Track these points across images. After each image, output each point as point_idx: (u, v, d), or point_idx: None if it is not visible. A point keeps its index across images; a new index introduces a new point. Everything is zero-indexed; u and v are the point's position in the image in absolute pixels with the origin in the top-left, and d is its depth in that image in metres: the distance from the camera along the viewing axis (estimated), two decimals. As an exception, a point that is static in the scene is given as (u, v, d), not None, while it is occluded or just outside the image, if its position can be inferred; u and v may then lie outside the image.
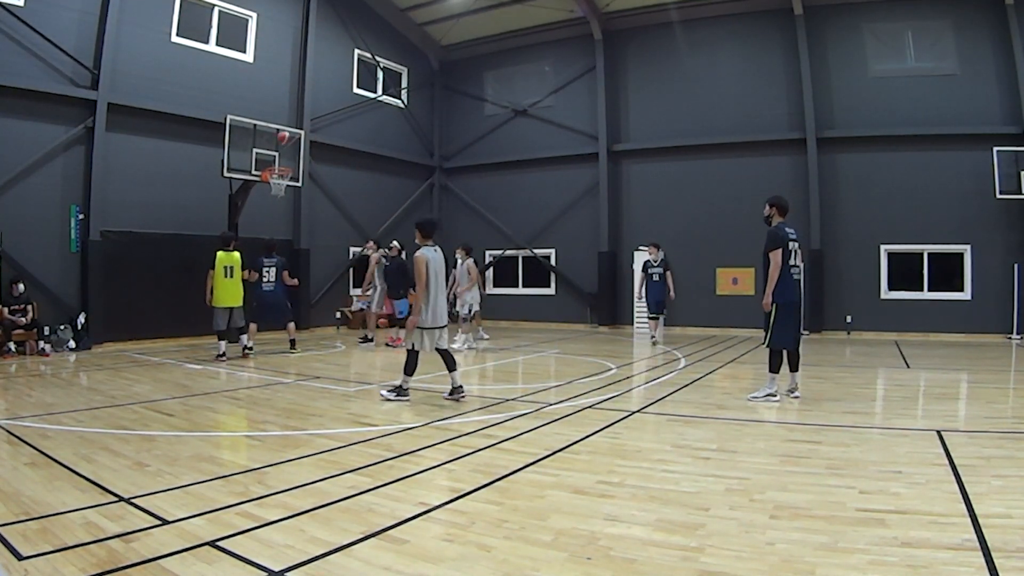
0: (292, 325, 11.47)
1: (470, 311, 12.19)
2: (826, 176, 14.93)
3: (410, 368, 6.81)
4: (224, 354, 10.37)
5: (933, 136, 14.01)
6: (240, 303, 10.71)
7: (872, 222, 14.58)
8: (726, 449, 4.92)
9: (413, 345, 6.82)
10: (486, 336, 13.60)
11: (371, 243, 13.72)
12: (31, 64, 11.17)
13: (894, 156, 14.45)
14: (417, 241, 6.95)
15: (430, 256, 6.73)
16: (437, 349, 6.90)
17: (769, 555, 2.96)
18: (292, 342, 11.42)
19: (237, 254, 10.65)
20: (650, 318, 13.18)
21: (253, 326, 10.98)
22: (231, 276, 10.49)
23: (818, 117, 14.95)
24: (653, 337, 12.97)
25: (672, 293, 12.78)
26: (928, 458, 4.56)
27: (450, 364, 6.87)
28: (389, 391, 6.95)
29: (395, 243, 12.84)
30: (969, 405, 7.06)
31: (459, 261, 12.29)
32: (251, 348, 10.87)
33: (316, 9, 15.88)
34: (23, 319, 10.61)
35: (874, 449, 4.88)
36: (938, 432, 5.30)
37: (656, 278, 12.72)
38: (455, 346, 11.61)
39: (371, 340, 12.75)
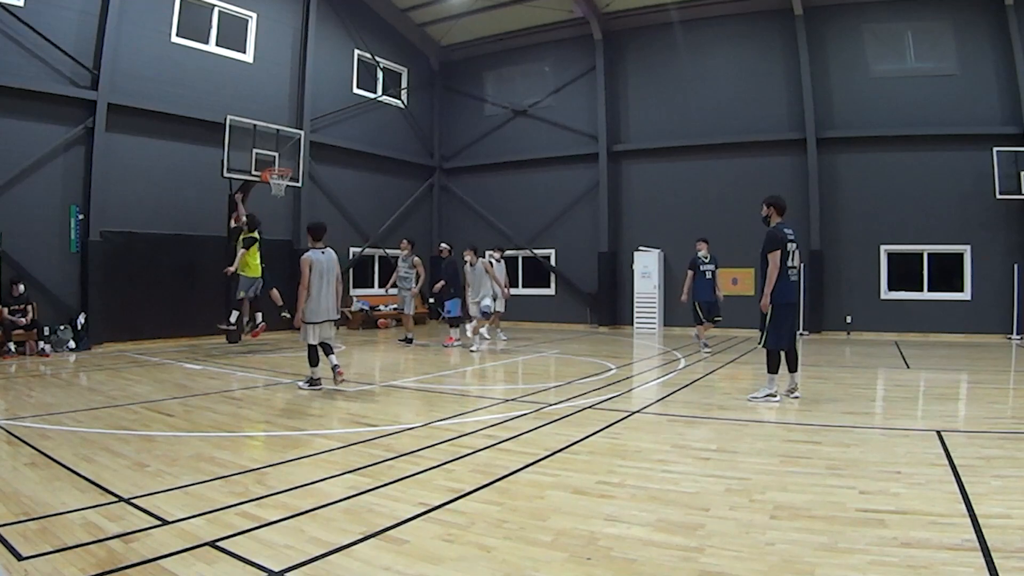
0: (276, 292, 11.63)
1: (491, 307, 12.05)
2: (826, 176, 14.93)
3: (312, 360, 7.70)
4: (237, 324, 11.30)
5: (933, 136, 14.01)
6: (260, 275, 11.38)
7: (872, 222, 14.58)
8: (726, 449, 4.93)
9: (306, 339, 7.61)
10: (504, 336, 13.82)
11: (405, 242, 12.94)
12: (31, 64, 11.16)
13: (894, 156, 14.45)
14: (309, 243, 7.69)
15: (314, 258, 7.51)
16: (321, 343, 7.64)
17: (769, 555, 2.96)
18: (280, 307, 11.49)
19: (256, 234, 11.31)
20: (706, 321, 11.04)
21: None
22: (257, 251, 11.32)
23: (818, 117, 14.95)
24: (704, 342, 11.59)
25: (721, 294, 11.01)
26: (928, 458, 4.56)
27: (326, 351, 7.65)
28: (303, 382, 7.75)
29: (444, 245, 12.97)
30: (969, 405, 7.06)
31: (468, 264, 12.12)
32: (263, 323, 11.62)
33: (316, 9, 15.87)
34: (23, 319, 10.60)
35: (874, 449, 4.88)
36: (938, 432, 5.30)
37: (708, 275, 10.92)
38: (474, 346, 11.67)
39: (411, 341, 12.75)
